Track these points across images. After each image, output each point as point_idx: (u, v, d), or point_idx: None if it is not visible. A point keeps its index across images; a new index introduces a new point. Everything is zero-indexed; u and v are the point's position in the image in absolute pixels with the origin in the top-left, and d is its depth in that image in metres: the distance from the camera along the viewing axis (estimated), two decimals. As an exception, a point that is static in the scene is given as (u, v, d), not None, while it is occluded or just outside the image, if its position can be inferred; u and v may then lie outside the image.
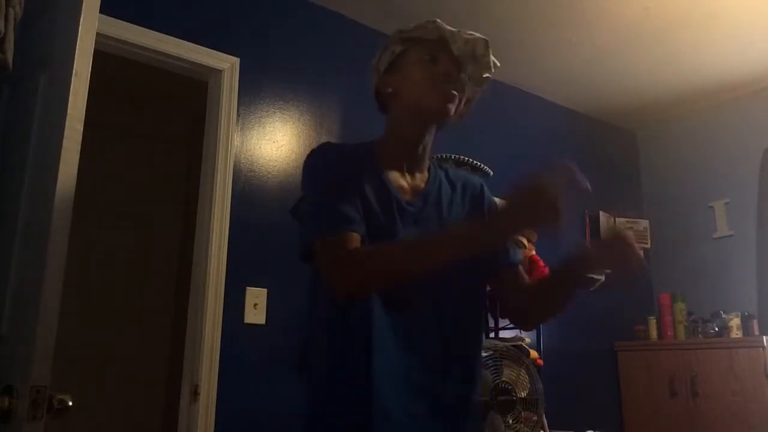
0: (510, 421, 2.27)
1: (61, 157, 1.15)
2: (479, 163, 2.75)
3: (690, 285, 3.85)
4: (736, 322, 3.47)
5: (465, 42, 1.19)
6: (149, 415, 3.56)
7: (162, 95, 3.61)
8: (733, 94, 3.92)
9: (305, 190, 1.20)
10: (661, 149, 4.37)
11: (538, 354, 2.81)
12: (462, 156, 2.71)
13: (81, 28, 1.22)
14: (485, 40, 1.21)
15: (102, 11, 1.31)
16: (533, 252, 2.89)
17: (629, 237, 1.11)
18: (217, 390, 2.34)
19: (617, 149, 4.39)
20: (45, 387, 1.05)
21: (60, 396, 1.07)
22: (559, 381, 3.09)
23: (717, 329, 3.54)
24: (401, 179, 1.22)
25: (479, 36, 1.21)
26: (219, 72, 2.63)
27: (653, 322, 3.79)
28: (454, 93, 1.18)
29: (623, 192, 4.28)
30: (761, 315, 3.54)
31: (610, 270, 1.12)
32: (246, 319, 2.48)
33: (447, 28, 1.21)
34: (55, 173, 1.14)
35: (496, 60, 1.24)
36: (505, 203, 1.04)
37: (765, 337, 3.28)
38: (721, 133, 4.02)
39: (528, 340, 2.79)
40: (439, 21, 1.21)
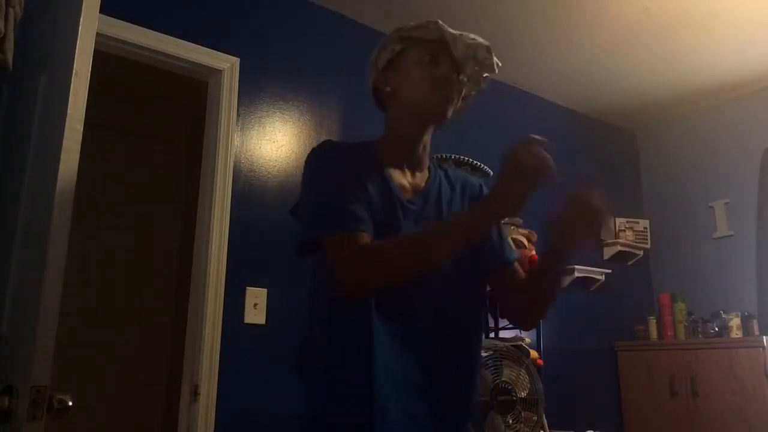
0: (510, 421, 2.27)
1: (61, 157, 1.15)
2: (479, 163, 2.75)
3: (690, 285, 3.85)
4: (736, 322, 3.47)
5: (467, 47, 1.19)
6: (149, 415, 3.56)
7: (162, 95, 3.61)
8: (733, 94, 3.91)
9: (307, 187, 1.19)
10: (661, 149, 4.37)
11: (538, 354, 2.81)
12: (462, 156, 2.71)
13: (81, 28, 1.22)
14: (487, 46, 1.20)
15: (102, 11, 1.31)
16: (533, 252, 2.89)
17: (592, 203, 1.09)
18: (217, 390, 2.34)
19: (617, 149, 4.39)
20: (45, 387, 1.05)
21: (60, 396, 1.07)
22: (559, 381, 3.09)
23: (717, 329, 3.54)
24: (402, 178, 1.21)
25: (481, 41, 1.20)
26: (219, 72, 2.63)
27: (653, 322, 3.79)
28: (450, 98, 1.18)
29: (623, 192, 4.28)
30: (761, 315, 3.53)
31: (579, 240, 1.12)
32: (246, 319, 2.48)
33: (449, 30, 1.20)
34: (55, 173, 1.14)
35: (497, 61, 1.23)
36: (494, 180, 1.07)
37: (765, 337, 3.28)
38: (721, 133, 4.02)
39: (528, 340, 2.79)
40: (440, 22, 1.21)
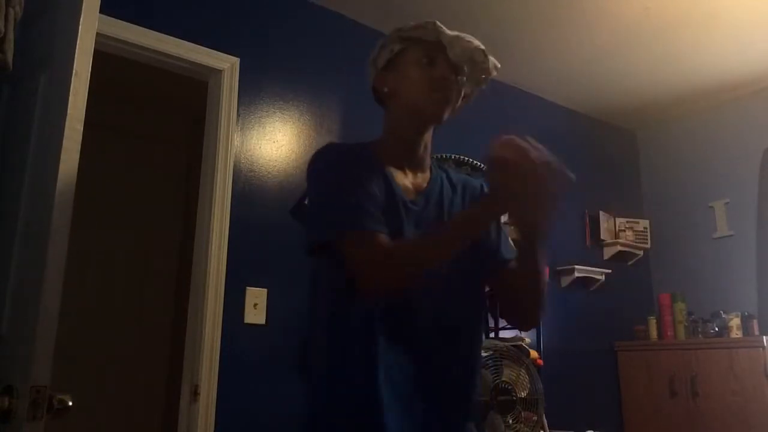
0: (510, 421, 2.27)
1: (61, 157, 1.15)
2: (479, 163, 2.75)
3: (690, 285, 3.85)
4: (736, 322, 3.47)
5: (462, 49, 1.19)
6: (149, 415, 3.56)
7: (162, 95, 3.61)
8: (733, 94, 3.91)
9: (317, 188, 1.18)
10: (661, 149, 4.37)
11: (538, 354, 2.81)
12: (462, 156, 2.72)
13: (81, 28, 1.22)
14: (482, 49, 1.20)
15: (102, 11, 1.31)
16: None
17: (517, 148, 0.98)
18: (217, 390, 2.34)
19: (617, 149, 4.39)
20: (45, 387, 1.05)
21: (60, 396, 1.07)
22: (559, 381, 3.09)
23: (717, 329, 3.54)
24: (404, 178, 1.21)
25: (477, 45, 1.20)
26: (219, 72, 2.63)
27: (653, 322, 3.79)
28: (448, 97, 1.18)
29: (623, 192, 4.28)
30: (761, 315, 3.53)
31: (524, 199, 1.01)
32: (246, 319, 2.48)
33: (446, 31, 1.20)
34: (55, 173, 1.14)
35: (496, 62, 1.23)
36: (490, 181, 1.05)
37: (765, 337, 3.28)
38: (721, 133, 4.02)
39: (528, 340, 2.79)
40: (439, 23, 1.21)
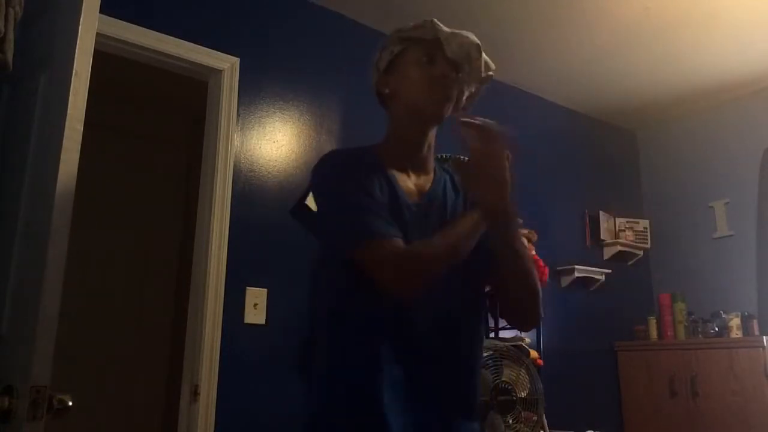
0: (510, 421, 2.27)
1: (61, 157, 1.15)
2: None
3: (690, 285, 3.85)
4: (736, 322, 3.47)
5: (459, 46, 1.19)
6: (149, 415, 3.56)
7: (162, 95, 3.61)
8: (733, 94, 3.91)
9: (324, 197, 1.18)
10: (661, 149, 4.37)
11: (538, 354, 2.81)
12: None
13: (81, 28, 1.22)
14: (477, 44, 1.20)
15: (102, 11, 1.31)
16: (533, 252, 2.89)
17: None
18: (217, 390, 2.34)
19: (617, 149, 4.39)
20: (45, 387, 1.05)
21: (60, 396, 1.07)
22: (559, 381, 3.09)
23: (717, 329, 3.54)
24: (407, 180, 1.21)
25: (473, 40, 1.20)
26: (219, 72, 2.63)
27: (653, 322, 3.79)
28: (449, 96, 1.18)
29: (623, 192, 4.28)
30: (761, 315, 3.53)
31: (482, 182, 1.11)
32: (246, 319, 2.48)
33: (443, 29, 1.20)
34: (55, 173, 1.14)
35: (490, 61, 1.23)
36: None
37: (765, 337, 3.28)
38: (721, 133, 4.02)
39: (528, 340, 2.79)
40: (436, 21, 1.21)
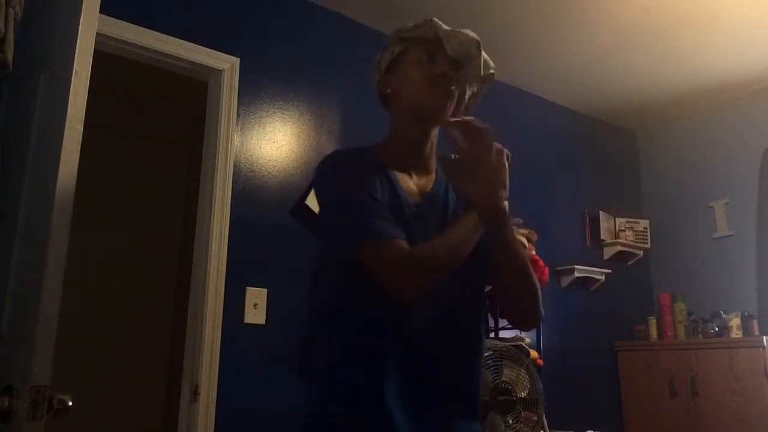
0: (510, 421, 2.27)
1: (61, 157, 1.15)
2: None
3: (690, 285, 3.85)
4: (736, 322, 3.47)
5: (459, 43, 1.19)
6: (149, 415, 3.56)
7: (162, 95, 3.61)
8: (733, 94, 3.91)
9: (326, 198, 1.18)
10: (661, 149, 4.37)
11: (538, 354, 2.81)
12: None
13: (81, 28, 1.22)
14: (477, 41, 1.20)
15: (102, 11, 1.31)
16: (533, 252, 2.89)
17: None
18: (217, 390, 2.34)
19: (617, 149, 4.39)
20: (45, 387, 1.05)
21: (60, 396, 1.07)
22: (559, 381, 3.09)
23: (717, 329, 3.54)
24: (409, 181, 1.21)
25: (472, 37, 1.20)
26: (219, 72, 2.63)
27: (653, 322, 3.79)
28: (450, 93, 1.18)
29: (623, 192, 4.28)
30: (761, 315, 3.53)
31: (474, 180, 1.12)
32: (246, 319, 2.48)
33: (443, 27, 1.20)
34: (55, 173, 1.14)
35: (489, 60, 1.23)
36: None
37: (765, 337, 3.28)
38: (721, 133, 4.02)
39: (528, 340, 2.79)
40: (436, 20, 1.21)
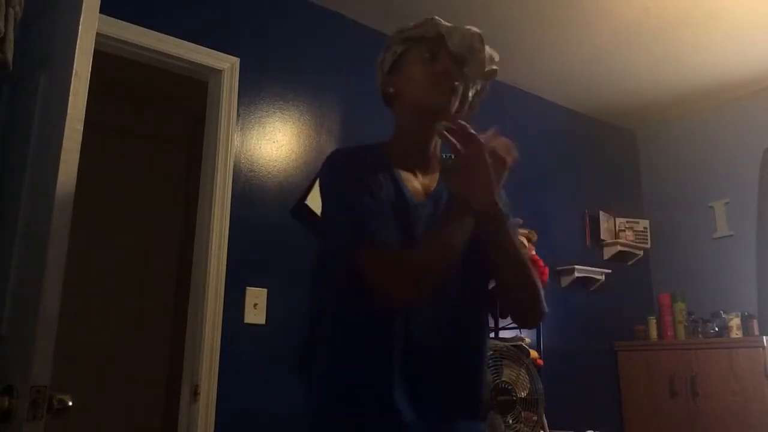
0: (510, 421, 2.27)
1: (61, 157, 1.15)
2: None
3: (690, 285, 3.85)
4: (736, 322, 3.47)
5: (462, 38, 1.19)
6: (149, 415, 3.56)
7: (162, 95, 3.61)
8: (733, 94, 3.91)
9: (326, 197, 1.19)
10: (661, 149, 4.37)
11: (538, 354, 2.81)
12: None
13: (81, 28, 1.22)
14: (479, 34, 1.20)
15: (102, 11, 1.31)
16: (533, 252, 2.89)
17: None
18: (217, 390, 2.34)
19: (617, 149, 4.39)
20: (45, 387, 1.05)
21: (60, 396, 1.07)
22: (559, 381, 3.09)
23: (717, 329, 3.54)
24: (414, 180, 1.21)
25: (474, 31, 1.20)
26: (219, 72, 2.63)
27: (653, 322, 3.79)
28: (453, 91, 1.18)
29: (623, 192, 4.28)
30: (761, 315, 3.53)
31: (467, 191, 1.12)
32: (246, 319, 2.48)
33: (444, 24, 1.20)
34: (55, 173, 1.14)
35: (494, 53, 1.23)
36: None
37: (765, 337, 3.28)
38: (721, 133, 4.02)
39: (528, 340, 2.79)
40: (437, 18, 1.21)
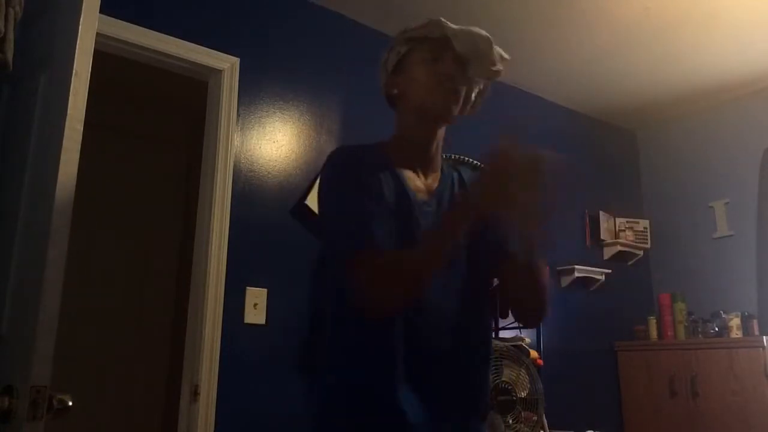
0: (510, 421, 2.27)
1: (61, 157, 1.15)
2: (479, 163, 2.75)
3: (690, 285, 3.85)
4: (736, 322, 3.47)
5: (467, 40, 1.19)
6: (149, 415, 3.56)
7: (162, 95, 3.61)
8: (733, 94, 3.91)
9: (324, 196, 1.19)
10: (661, 149, 4.37)
11: (538, 354, 2.81)
12: (462, 156, 2.71)
13: (81, 28, 1.22)
14: (488, 37, 1.19)
15: (102, 11, 1.31)
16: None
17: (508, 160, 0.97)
18: (217, 390, 2.34)
19: (617, 149, 4.39)
20: (45, 387, 1.05)
21: (60, 396, 1.07)
22: (559, 381, 3.09)
23: (717, 329, 3.54)
24: (416, 179, 1.22)
25: (483, 34, 1.20)
26: (219, 72, 2.63)
27: (653, 322, 3.79)
28: (456, 93, 1.19)
29: (623, 192, 4.28)
30: (761, 315, 3.53)
31: (496, 211, 1.04)
32: (246, 319, 2.48)
33: (450, 26, 1.20)
34: (55, 173, 1.14)
35: (503, 54, 1.22)
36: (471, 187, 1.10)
37: (765, 337, 3.28)
38: (721, 133, 4.02)
39: (528, 340, 2.79)
40: (443, 19, 1.21)
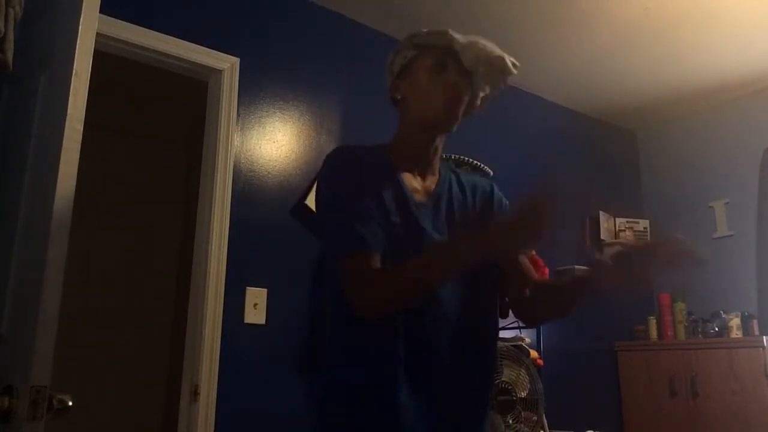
0: (510, 421, 2.27)
1: (61, 157, 1.15)
2: (479, 163, 2.75)
3: (690, 285, 3.85)
4: (736, 322, 3.47)
5: (476, 56, 1.19)
6: (149, 415, 3.56)
7: (162, 95, 3.61)
8: (733, 94, 3.91)
9: (322, 196, 1.20)
10: (661, 149, 4.37)
11: (538, 354, 2.81)
12: (462, 156, 2.71)
13: (81, 28, 1.22)
14: (501, 56, 1.20)
15: (102, 11, 1.31)
16: (534, 252, 2.89)
17: (642, 253, 1.10)
18: (217, 390, 2.34)
19: (617, 149, 4.39)
20: (45, 387, 1.05)
21: (60, 396, 1.07)
22: (559, 381, 3.09)
23: (717, 329, 3.54)
24: (414, 181, 1.22)
25: (493, 51, 1.20)
26: (219, 72, 2.63)
27: (653, 322, 3.79)
28: (459, 104, 1.19)
29: (623, 192, 4.28)
30: (761, 315, 3.53)
31: (616, 289, 1.14)
32: (246, 319, 2.48)
33: (459, 39, 1.20)
34: (55, 173, 1.14)
35: (515, 60, 1.24)
36: (497, 221, 1.12)
37: (765, 337, 3.28)
38: (721, 133, 4.02)
39: (528, 340, 2.79)
40: (452, 32, 1.21)
